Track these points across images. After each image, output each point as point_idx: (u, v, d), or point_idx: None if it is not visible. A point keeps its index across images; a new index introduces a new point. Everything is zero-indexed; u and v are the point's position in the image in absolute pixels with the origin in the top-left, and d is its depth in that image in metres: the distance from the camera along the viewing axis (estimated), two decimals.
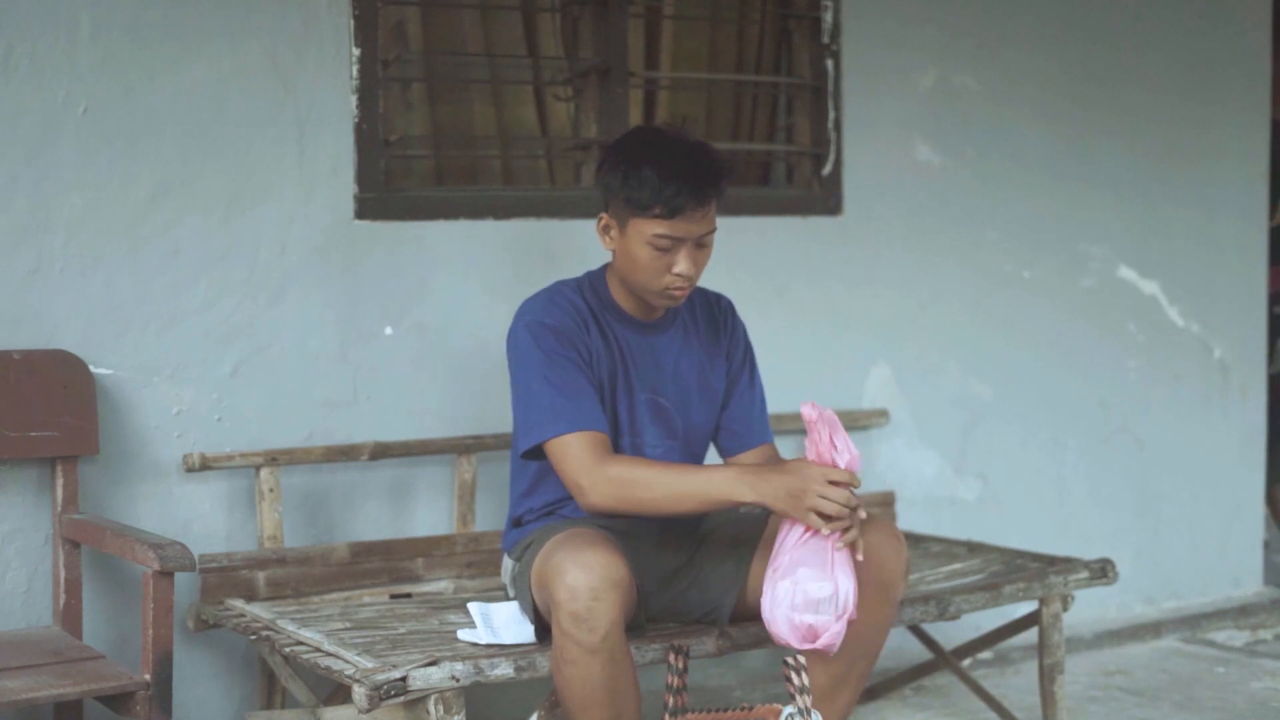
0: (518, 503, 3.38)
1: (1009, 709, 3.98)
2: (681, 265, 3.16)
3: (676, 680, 2.99)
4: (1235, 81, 5.23)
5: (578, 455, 3.09)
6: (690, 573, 3.31)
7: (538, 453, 3.16)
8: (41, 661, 3.14)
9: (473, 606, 3.30)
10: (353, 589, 3.68)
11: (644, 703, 3.10)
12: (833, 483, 2.93)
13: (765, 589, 3.00)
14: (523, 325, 3.22)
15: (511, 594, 3.32)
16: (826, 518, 2.93)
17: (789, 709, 2.95)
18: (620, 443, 3.28)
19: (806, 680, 2.95)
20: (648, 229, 3.13)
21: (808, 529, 2.99)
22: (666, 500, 3.04)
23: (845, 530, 2.97)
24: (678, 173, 3.10)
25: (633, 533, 3.23)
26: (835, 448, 3.00)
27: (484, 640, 3.14)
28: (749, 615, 3.30)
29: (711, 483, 3.03)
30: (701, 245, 3.19)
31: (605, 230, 3.23)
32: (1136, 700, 4.35)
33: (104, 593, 3.55)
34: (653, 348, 3.32)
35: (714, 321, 3.43)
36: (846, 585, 2.97)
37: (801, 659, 2.98)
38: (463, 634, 3.21)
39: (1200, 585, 5.24)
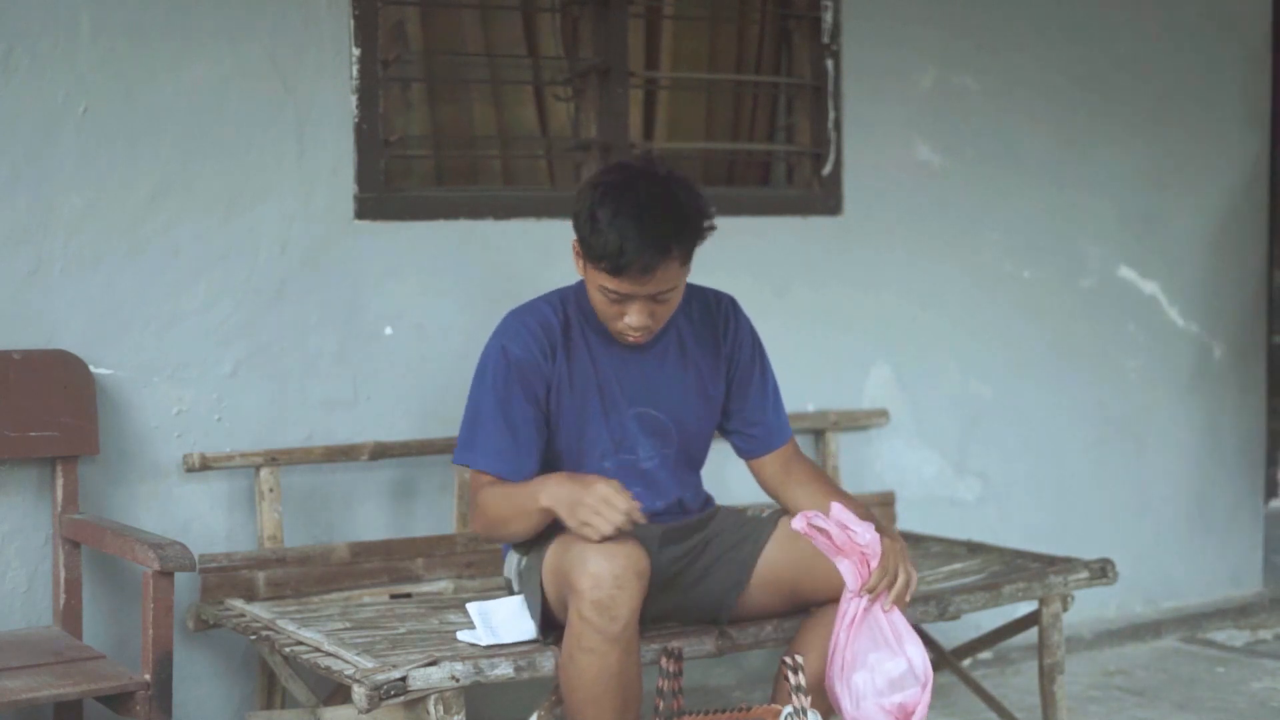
0: None
1: (1009, 709, 3.98)
2: (632, 318, 3.10)
3: (668, 684, 2.99)
4: (1235, 82, 5.22)
5: (473, 490, 3.19)
6: (693, 574, 3.31)
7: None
8: (41, 661, 3.14)
9: (471, 607, 3.30)
10: (353, 589, 3.68)
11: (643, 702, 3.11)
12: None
13: (838, 690, 3.02)
14: (493, 346, 3.22)
15: (516, 588, 3.31)
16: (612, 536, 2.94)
17: (787, 709, 2.95)
18: (603, 464, 3.25)
19: (804, 680, 2.95)
20: (598, 278, 3.08)
21: (852, 617, 3.02)
22: (509, 520, 3.11)
23: (889, 589, 3.03)
24: (629, 234, 2.99)
25: (636, 534, 3.23)
26: (852, 530, 3.00)
27: (484, 641, 3.14)
28: (748, 616, 3.30)
29: (530, 496, 3.05)
30: (660, 300, 3.11)
31: (576, 257, 3.17)
32: (1136, 700, 4.36)
33: (104, 593, 3.55)
34: (641, 361, 3.27)
35: (712, 324, 3.36)
36: (917, 653, 3.00)
37: (800, 658, 2.98)
38: (462, 635, 3.21)
39: (1200, 585, 5.24)
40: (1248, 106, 5.25)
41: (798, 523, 3.03)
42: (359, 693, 2.88)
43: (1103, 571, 3.80)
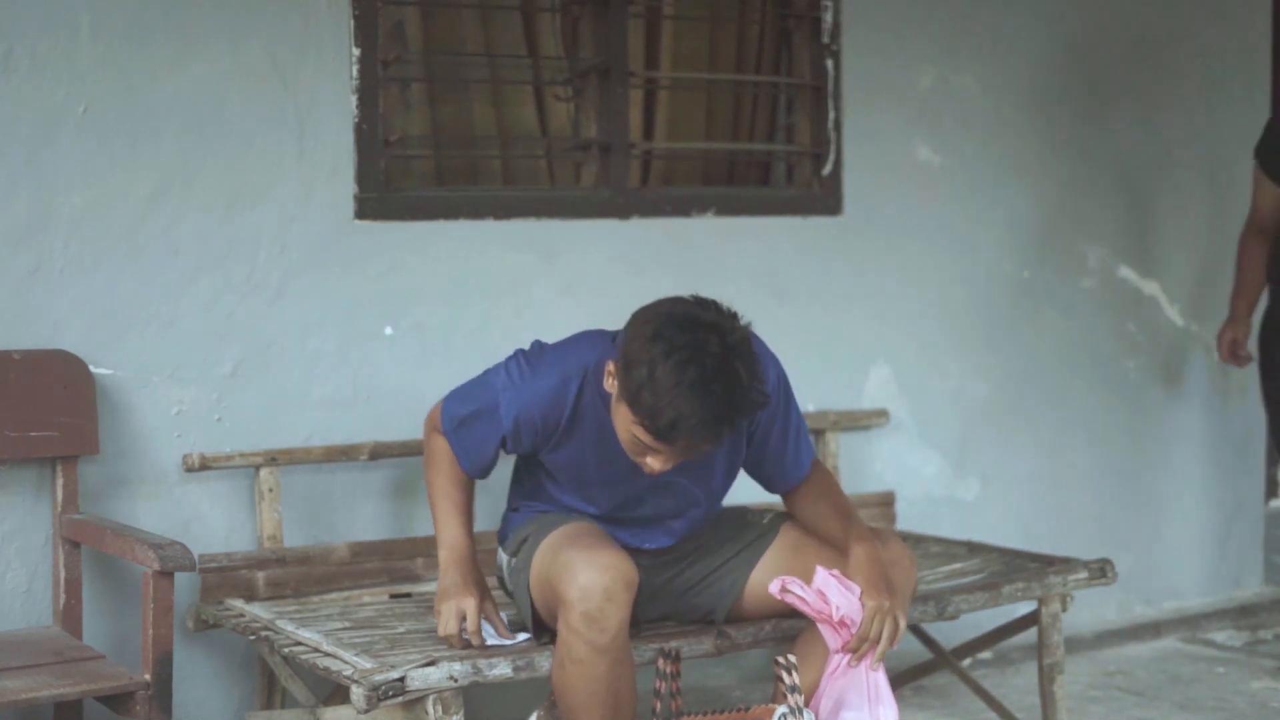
0: (514, 497, 3.38)
1: (1009, 709, 3.98)
2: (655, 463, 2.95)
3: (665, 685, 2.98)
4: (1235, 81, 5.22)
5: (434, 427, 3.27)
6: (689, 579, 3.31)
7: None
8: (41, 661, 3.14)
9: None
10: (352, 589, 3.68)
11: (640, 704, 3.11)
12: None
13: None
14: (500, 382, 3.14)
15: (509, 587, 3.30)
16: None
17: (782, 708, 2.95)
18: (590, 510, 3.22)
19: (798, 679, 2.95)
20: (634, 426, 2.90)
21: (834, 668, 3.03)
22: (429, 491, 3.28)
23: (872, 649, 3.03)
24: (686, 414, 2.81)
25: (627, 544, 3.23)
26: (833, 603, 2.99)
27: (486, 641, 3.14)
28: (743, 616, 3.29)
29: (439, 527, 3.23)
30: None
31: (609, 375, 2.99)
32: (1136, 700, 4.36)
33: (104, 593, 3.55)
34: None
35: None
36: (889, 716, 3.01)
37: (793, 658, 2.98)
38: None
39: (1200, 585, 5.24)
40: (1248, 105, 5.25)
41: (773, 587, 3.03)
42: (357, 693, 2.89)
43: (1102, 572, 3.80)
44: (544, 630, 3.16)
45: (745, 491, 3.90)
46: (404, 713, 2.99)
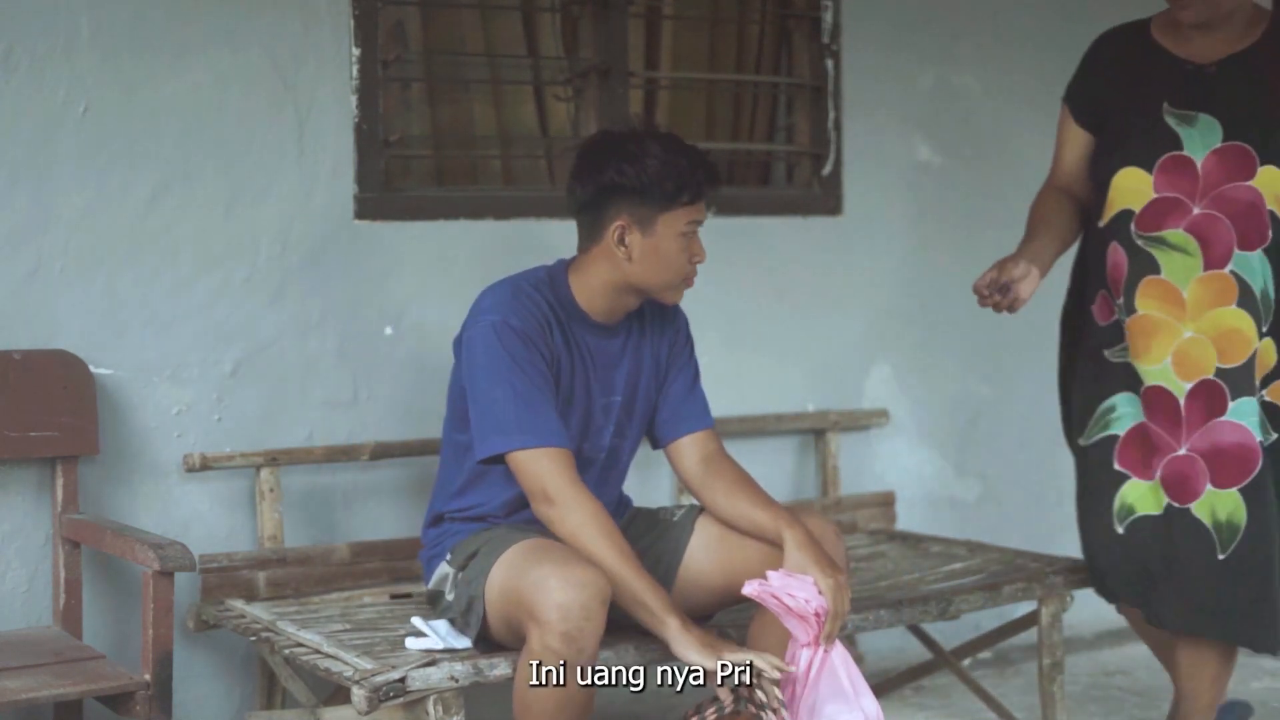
0: (444, 500, 3.28)
1: (1009, 709, 3.99)
2: (699, 250, 3.19)
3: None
4: None
5: (550, 470, 3.01)
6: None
7: (495, 459, 3.07)
8: (41, 661, 3.14)
9: (417, 620, 3.26)
10: (353, 589, 3.68)
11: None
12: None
13: None
14: (487, 324, 3.09)
15: (449, 597, 3.16)
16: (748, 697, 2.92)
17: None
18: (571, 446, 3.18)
19: (781, 694, 2.92)
20: (679, 220, 3.12)
21: (807, 665, 2.99)
22: (605, 570, 2.93)
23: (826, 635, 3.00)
24: (692, 159, 3.12)
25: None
26: (795, 595, 2.96)
27: (439, 646, 3.11)
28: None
29: (647, 603, 2.94)
30: None
31: (621, 239, 3.10)
32: (1136, 700, 4.36)
33: (104, 593, 3.55)
34: (610, 351, 3.23)
35: (662, 313, 3.32)
36: (871, 705, 2.99)
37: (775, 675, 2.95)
38: (411, 643, 3.16)
39: None
40: None
41: (750, 590, 2.95)
42: (358, 695, 2.88)
43: None
44: (484, 641, 3.07)
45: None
46: (404, 713, 2.99)
